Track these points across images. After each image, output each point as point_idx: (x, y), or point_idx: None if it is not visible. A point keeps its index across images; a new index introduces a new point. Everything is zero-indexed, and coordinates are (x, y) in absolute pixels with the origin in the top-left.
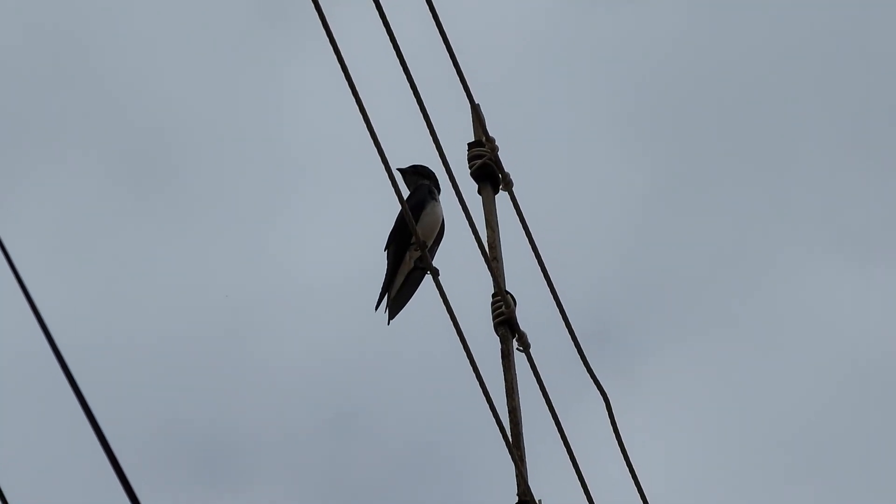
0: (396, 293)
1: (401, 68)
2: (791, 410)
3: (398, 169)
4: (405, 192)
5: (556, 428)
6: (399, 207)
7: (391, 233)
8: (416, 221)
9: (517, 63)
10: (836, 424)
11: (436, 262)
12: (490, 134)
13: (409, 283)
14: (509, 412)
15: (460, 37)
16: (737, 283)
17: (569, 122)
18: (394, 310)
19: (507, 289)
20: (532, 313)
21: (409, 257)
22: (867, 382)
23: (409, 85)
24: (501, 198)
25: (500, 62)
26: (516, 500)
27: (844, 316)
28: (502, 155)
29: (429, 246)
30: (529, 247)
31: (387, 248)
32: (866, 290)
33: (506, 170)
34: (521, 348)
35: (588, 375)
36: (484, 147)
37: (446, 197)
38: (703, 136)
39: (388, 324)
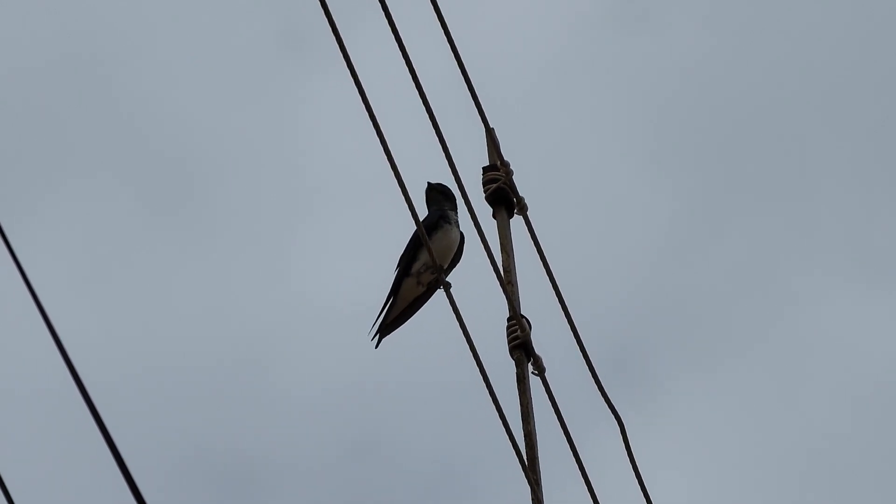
0: (393, 319)
1: (417, 92)
2: (811, 438)
3: (428, 182)
4: (422, 214)
5: (571, 452)
6: (413, 230)
7: (401, 255)
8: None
9: (533, 86)
10: (857, 452)
11: (451, 287)
12: (505, 157)
13: (407, 308)
14: (525, 436)
15: (476, 60)
16: (757, 310)
17: (585, 145)
18: (384, 333)
19: (522, 313)
20: (547, 338)
21: (414, 282)
22: (890, 410)
23: (424, 108)
24: (516, 221)
25: (515, 85)
26: None
27: (866, 342)
28: (517, 178)
29: (444, 268)
30: (544, 271)
31: (397, 267)
32: (888, 317)
33: (521, 194)
34: (537, 372)
35: (603, 400)
36: (499, 171)
37: (461, 220)
38: (724, 160)
39: (377, 347)
